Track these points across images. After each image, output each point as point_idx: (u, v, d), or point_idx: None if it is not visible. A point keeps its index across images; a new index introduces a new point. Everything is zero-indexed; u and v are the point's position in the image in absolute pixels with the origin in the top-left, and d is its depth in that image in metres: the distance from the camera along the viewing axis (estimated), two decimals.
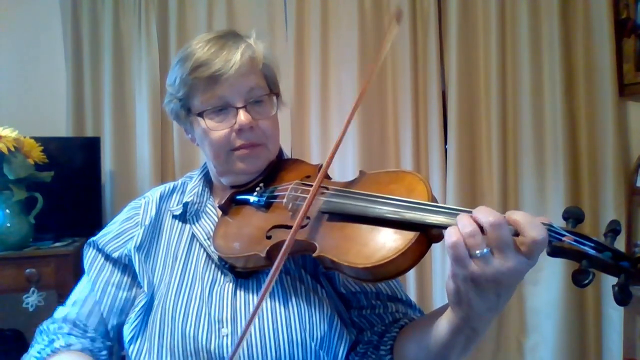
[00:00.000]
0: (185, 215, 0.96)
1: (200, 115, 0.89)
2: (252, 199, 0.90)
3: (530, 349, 2.49)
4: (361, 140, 2.51)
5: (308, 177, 0.90)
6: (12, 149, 1.96)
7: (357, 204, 0.72)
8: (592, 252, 0.58)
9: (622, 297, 0.57)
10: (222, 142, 0.89)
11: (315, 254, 0.72)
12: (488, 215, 0.58)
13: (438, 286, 2.51)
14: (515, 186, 2.50)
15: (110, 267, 0.93)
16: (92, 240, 0.96)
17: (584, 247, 0.58)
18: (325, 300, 0.85)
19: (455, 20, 2.49)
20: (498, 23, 2.46)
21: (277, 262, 0.68)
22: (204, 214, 0.96)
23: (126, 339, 0.88)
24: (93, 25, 2.56)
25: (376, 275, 0.67)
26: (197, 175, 1.03)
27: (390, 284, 0.89)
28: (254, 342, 0.79)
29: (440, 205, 0.66)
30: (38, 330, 0.92)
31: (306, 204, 0.73)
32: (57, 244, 2.19)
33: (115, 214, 1.03)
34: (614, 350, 2.35)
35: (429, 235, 0.66)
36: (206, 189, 1.00)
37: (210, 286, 0.87)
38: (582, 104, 2.42)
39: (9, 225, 2.05)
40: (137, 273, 0.90)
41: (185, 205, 0.96)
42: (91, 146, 2.46)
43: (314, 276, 0.87)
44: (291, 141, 2.56)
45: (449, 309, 0.68)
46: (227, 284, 0.86)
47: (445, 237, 0.59)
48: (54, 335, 0.87)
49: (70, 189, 2.30)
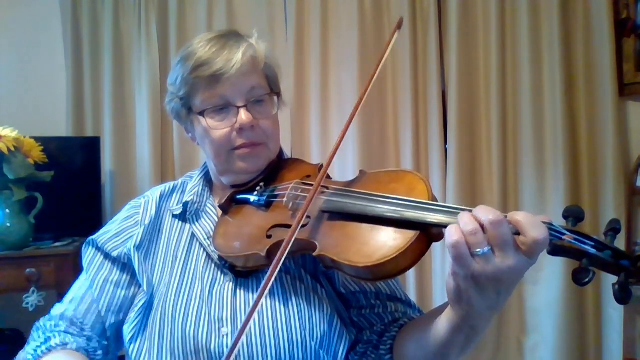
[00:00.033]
0: (185, 214, 0.96)
1: (201, 114, 0.89)
2: (253, 198, 0.90)
3: (530, 349, 2.49)
4: (361, 140, 2.51)
5: (308, 176, 0.90)
6: (12, 148, 1.96)
7: (358, 203, 0.72)
8: (592, 250, 0.58)
9: (622, 295, 0.57)
10: (223, 141, 0.89)
11: (315, 253, 0.72)
12: (488, 213, 0.59)
13: (438, 286, 2.51)
14: (515, 186, 2.50)
15: (109, 266, 0.93)
16: (92, 238, 0.96)
17: (584, 245, 0.59)
18: (325, 299, 0.85)
19: (455, 20, 2.49)
20: (498, 23, 2.46)
21: (277, 259, 0.68)
22: (204, 214, 0.96)
23: (126, 339, 0.88)
24: (93, 25, 2.56)
25: (376, 274, 0.67)
26: (197, 174, 1.03)
27: (389, 284, 0.89)
28: (254, 341, 0.79)
29: (441, 204, 0.66)
30: (35, 326, 0.91)
31: (306, 203, 0.73)
32: (57, 244, 2.19)
33: (115, 213, 1.03)
34: (614, 350, 2.35)
35: (429, 234, 0.66)
36: (206, 189, 1.00)
37: (210, 286, 0.87)
38: (582, 104, 2.42)
39: (9, 225, 2.05)
40: (136, 272, 0.90)
41: (186, 204, 0.96)
42: (91, 146, 2.46)
43: (313, 276, 0.87)
44: (291, 141, 2.56)
45: (448, 307, 0.68)
46: (227, 284, 0.86)
47: (446, 236, 0.59)
48: (50, 333, 0.87)
49: (70, 189, 2.31)
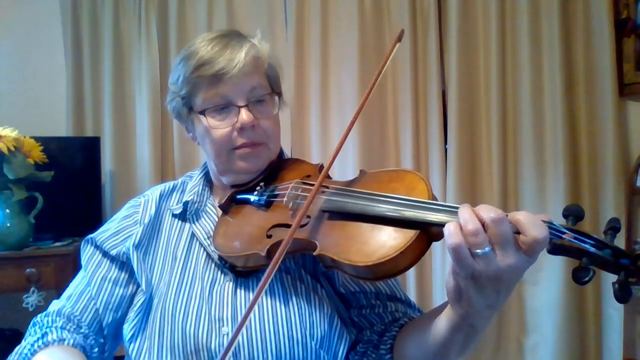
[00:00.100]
0: (185, 214, 0.96)
1: (202, 113, 0.89)
2: (253, 198, 0.90)
3: (530, 349, 2.49)
4: (361, 140, 2.51)
5: (308, 176, 0.90)
6: (12, 148, 1.96)
7: (358, 203, 0.72)
8: (592, 249, 0.58)
9: (622, 294, 0.57)
10: (224, 140, 0.89)
11: (315, 252, 0.72)
12: (489, 211, 0.59)
13: (438, 285, 2.51)
14: (515, 186, 2.51)
15: (107, 264, 0.93)
16: (90, 236, 0.96)
17: (584, 244, 0.59)
18: (325, 299, 0.85)
19: (455, 20, 2.49)
20: (498, 23, 2.46)
21: (276, 257, 0.68)
22: (204, 213, 0.96)
23: (126, 338, 0.88)
24: (93, 25, 2.57)
25: (376, 273, 0.67)
26: (197, 174, 1.03)
27: (389, 284, 0.89)
28: (254, 340, 0.79)
29: (441, 203, 0.66)
30: (32, 322, 0.91)
31: (307, 202, 0.73)
32: (57, 244, 2.20)
33: (115, 213, 1.02)
34: (614, 350, 2.35)
35: (429, 233, 0.66)
36: (206, 188, 1.00)
37: (210, 285, 0.87)
38: (582, 104, 2.43)
39: (9, 225, 2.05)
40: (134, 271, 0.90)
41: (185, 204, 0.96)
42: (91, 146, 2.46)
43: (313, 276, 0.87)
44: (291, 141, 2.56)
45: (448, 306, 0.68)
46: (227, 283, 0.86)
47: (446, 237, 0.59)
48: (47, 329, 0.86)
49: (70, 189, 2.31)
